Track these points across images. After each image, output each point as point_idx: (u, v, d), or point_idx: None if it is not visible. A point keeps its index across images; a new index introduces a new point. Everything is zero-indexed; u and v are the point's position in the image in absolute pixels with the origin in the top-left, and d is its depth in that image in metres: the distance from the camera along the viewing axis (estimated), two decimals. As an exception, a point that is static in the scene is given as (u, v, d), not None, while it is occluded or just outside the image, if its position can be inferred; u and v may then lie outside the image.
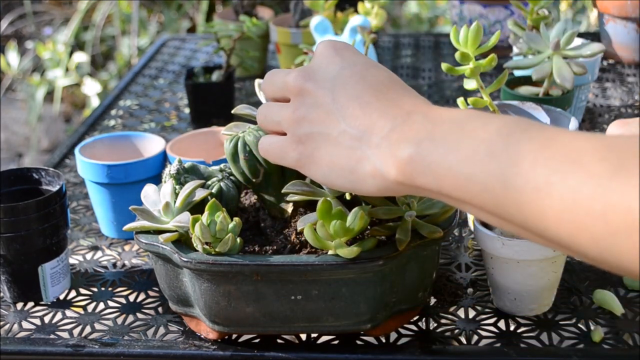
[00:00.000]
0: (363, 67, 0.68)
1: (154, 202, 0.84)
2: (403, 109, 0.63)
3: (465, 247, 1.00)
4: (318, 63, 0.69)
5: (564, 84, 1.08)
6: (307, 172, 0.69)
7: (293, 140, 0.69)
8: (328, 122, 0.66)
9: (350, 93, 0.66)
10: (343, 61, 0.68)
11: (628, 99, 1.47)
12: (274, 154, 0.72)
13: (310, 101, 0.67)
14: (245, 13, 1.65)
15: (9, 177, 0.95)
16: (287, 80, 0.70)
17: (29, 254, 0.90)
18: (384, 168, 0.62)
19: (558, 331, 0.84)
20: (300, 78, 0.68)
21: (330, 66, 0.68)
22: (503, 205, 0.54)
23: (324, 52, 0.70)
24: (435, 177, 0.58)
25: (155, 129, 1.42)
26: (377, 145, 0.63)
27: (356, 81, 0.67)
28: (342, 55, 0.69)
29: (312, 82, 0.68)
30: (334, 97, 0.66)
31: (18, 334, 0.87)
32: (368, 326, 0.80)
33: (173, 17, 3.22)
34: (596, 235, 0.48)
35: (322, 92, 0.67)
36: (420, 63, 1.71)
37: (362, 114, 0.64)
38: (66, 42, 3.00)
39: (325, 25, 1.42)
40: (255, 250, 0.80)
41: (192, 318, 0.85)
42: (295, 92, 0.69)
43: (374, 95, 0.65)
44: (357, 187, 0.66)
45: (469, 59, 0.94)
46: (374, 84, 0.66)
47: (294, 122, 0.68)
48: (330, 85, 0.67)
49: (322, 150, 0.67)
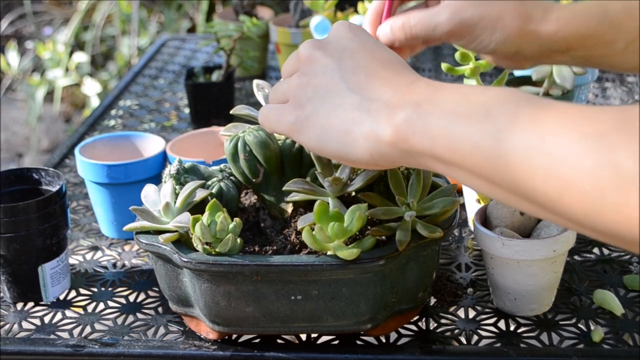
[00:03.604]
0: (374, 44, 0.69)
1: (154, 202, 0.84)
2: (406, 78, 0.64)
3: (465, 247, 1.01)
4: (331, 36, 0.71)
5: (564, 84, 1.08)
6: (300, 137, 0.68)
7: (293, 105, 0.69)
8: (331, 85, 0.66)
9: (357, 62, 0.67)
10: (355, 37, 0.69)
11: (628, 99, 1.47)
12: (271, 119, 0.71)
13: (317, 68, 0.68)
14: (245, 13, 1.65)
15: (9, 177, 0.95)
16: (299, 50, 0.71)
17: (29, 254, 0.90)
18: (379, 128, 0.62)
19: (558, 331, 0.84)
20: (310, 46, 0.69)
21: (342, 40, 0.69)
22: (493, 166, 0.54)
23: (339, 28, 0.71)
24: (429, 137, 0.59)
25: (155, 129, 1.42)
26: (376, 110, 0.63)
27: (364, 54, 0.68)
28: (356, 32, 0.70)
29: (321, 50, 0.69)
30: (340, 64, 0.67)
31: (18, 334, 0.87)
32: (368, 326, 0.80)
33: (173, 17, 3.22)
34: (584, 192, 0.48)
35: (329, 59, 0.68)
36: (420, 63, 1.71)
37: (366, 80, 0.65)
38: (66, 42, 3.00)
39: (325, 25, 1.42)
40: (255, 250, 0.80)
41: (192, 318, 0.85)
42: (304, 59, 0.69)
43: (379, 67, 0.66)
44: (348, 150, 0.65)
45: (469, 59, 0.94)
46: (382, 59, 0.67)
47: (297, 87, 0.69)
48: (339, 54, 0.68)
49: (320, 112, 0.67)
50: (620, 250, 0.98)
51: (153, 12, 3.33)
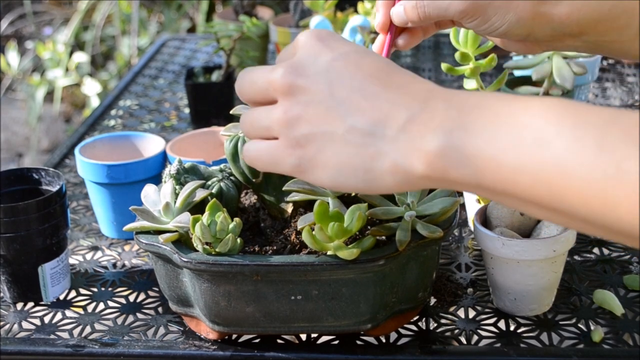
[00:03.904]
0: (356, 54, 0.62)
1: (154, 202, 0.84)
2: (416, 96, 0.58)
3: (465, 247, 1.01)
4: (305, 55, 0.62)
5: (564, 84, 1.08)
6: (310, 178, 0.62)
7: (288, 144, 0.62)
8: (330, 119, 0.60)
9: (350, 85, 0.60)
10: (332, 51, 0.62)
11: (628, 99, 1.47)
12: (264, 161, 0.64)
13: (305, 99, 0.61)
14: (245, 13, 1.65)
15: (9, 177, 0.95)
16: (272, 79, 0.62)
17: (29, 254, 0.90)
18: (406, 163, 0.57)
19: (558, 331, 0.84)
20: (288, 74, 0.61)
21: (319, 57, 0.62)
22: (562, 197, 0.50)
23: (308, 42, 0.63)
24: (473, 170, 0.54)
25: (155, 129, 1.42)
26: (394, 139, 0.57)
27: (353, 71, 0.61)
28: (329, 44, 0.62)
29: (303, 77, 0.61)
30: (331, 91, 0.60)
31: (18, 334, 0.87)
32: (368, 326, 0.80)
33: (173, 17, 3.22)
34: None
35: (316, 87, 0.60)
36: (420, 63, 1.71)
37: (369, 106, 0.59)
38: (66, 42, 3.00)
39: (325, 25, 1.42)
40: (255, 250, 0.80)
41: (192, 318, 0.85)
42: (284, 90, 0.61)
43: (378, 85, 0.60)
44: (373, 186, 0.60)
45: (469, 59, 0.94)
46: (374, 72, 0.61)
47: (287, 124, 0.61)
48: (325, 78, 0.60)
49: (327, 151, 0.60)
50: (620, 250, 0.98)
51: (153, 12, 3.33)
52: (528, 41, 0.78)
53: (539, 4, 0.74)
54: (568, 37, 0.76)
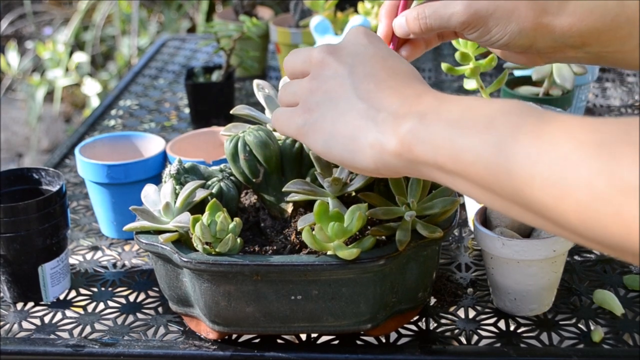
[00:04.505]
0: (387, 53, 0.70)
1: (154, 202, 0.84)
2: (415, 90, 0.65)
3: (465, 247, 1.01)
4: (346, 41, 0.71)
5: (564, 84, 1.08)
6: (307, 140, 0.69)
7: (303, 108, 0.70)
8: (341, 92, 0.67)
9: (368, 70, 0.67)
10: (369, 44, 0.70)
11: (628, 99, 1.47)
12: (282, 121, 0.72)
13: (329, 73, 0.69)
14: (245, 13, 1.65)
15: (9, 177, 0.95)
16: (311, 53, 0.71)
17: (29, 254, 0.90)
18: (384, 138, 0.63)
19: (558, 331, 0.84)
20: (324, 51, 0.70)
21: (355, 46, 0.70)
22: (494, 175, 0.54)
23: (354, 34, 0.71)
24: (432, 147, 0.59)
25: (155, 129, 1.42)
26: (382, 120, 0.64)
27: (376, 61, 0.68)
28: (371, 40, 0.71)
29: (334, 55, 0.69)
30: (351, 71, 0.67)
31: (18, 334, 0.87)
32: (368, 326, 0.80)
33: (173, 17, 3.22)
34: (580, 200, 0.48)
35: (341, 66, 0.68)
36: (420, 63, 1.71)
37: (375, 89, 0.66)
38: (66, 42, 3.00)
39: (325, 25, 1.42)
40: (255, 250, 0.80)
41: (192, 318, 0.85)
42: (316, 63, 0.70)
43: (389, 76, 0.67)
44: (353, 157, 0.66)
45: (469, 59, 0.95)
46: (393, 67, 0.68)
47: (308, 91, 0.69)
48: (352, 60, 0.68)
49: (327, 117, 0.67)
50: (620, 250, 0.98)
51: (153, 12, 3.33)
52: (530, 53, 0.78)
53: (541, 15, 0.74)
54: (570, 48, 0.76)
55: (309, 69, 0.71)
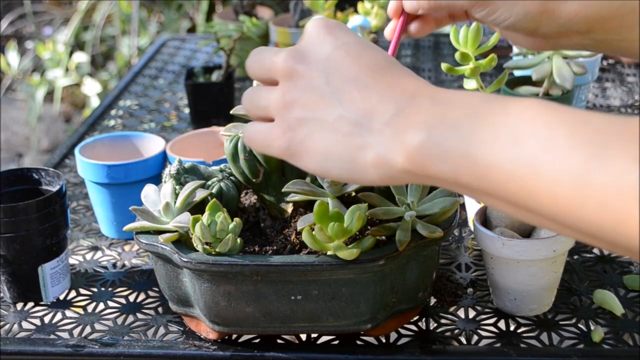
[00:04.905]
0: (358, 46, 0.63)
1: (154, 202, 0.84)
2: (405, 90, 0.59)
3: (465, 247, 1.01)
4: (309, 42, 0.64)
5: (564, 84, 1.08)
6: (298, 162, 0.63)
7: (282, 126, 0.63)
8: (322, 106, 0.61)
9: (346, 75, 0.61)
10: (336, 40, 0.63)
11: (628, 99, 1.47)
12: (259, 141, 0.65)
13: (303, 84, 0.62)
14: (245, 13, 1.65)
15: (9, 177, 0.95)
16: (275, 61, 0.64)
17: (29, 254, 0.90)
18: (389, 156, 0.57)
19: (558, 331, 0.84)
20: (290, 59, 0.63)
21: (323, 46, 0.63)
22: (533, 196, 0.50)
23: (315, 30, 0.64)
24: (450, 165, 0.54)
25: (155, 129, 1.42)
26: (379, 132, 0.58)
27: (351, 62, 0.62)
28: (335, 34, 0.64)
29: (303, 63, 0.62)
30: (328, 79, 0.61)
31: (18, 334, 0.87)
32: (368, 326, 0.80)
33: (173, 17, 3.22)
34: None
35: (315, 73, 0.62)
36: (420, 63, 1.71)
37: (360, 97, 0.60)
38: (66, 42, 3.00)
39: (325, 25, 1.42)
40: (255, 250, 0.80)
41: (192, 318, 0.85)
42: (285, 74, 0.63)
43: (371, 77, 0.61)
44: (356, 177, 0.61)
45: (469, 59, 0.94)
46: (371, 65, 0.62)
47: (283, 107, 0.63)
48: (323, 66, 0.62)
49: (315, 137, 0.61)
50: (620, 250, 0.98)
51: (153, 12, 3.34)
52: (536, 36, 0.78)
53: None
54: (576, 34, 0.76)
55: (276, 77, 0.64)
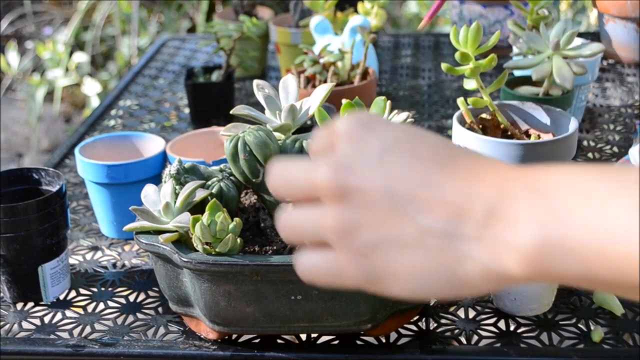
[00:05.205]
0: (406, 138, 0.53)
1: (154, 202, 0.84)
2: (490, 183, 0.50)
3: (465, 247, 1.00)
4: (349, 148, 0.52)
5: (564, 84, 1.08)
6: (385, 289, 0.53)
7: (350, 255, 0.52)
8: (393, 222, 0.51)
9: (410, 177, 0.51)
10: (380, 138, 0.52)
11: (628, 99, 1.47)
12: (325, 276, 0.54)
13: (360, 201, 0.51)
14: (245, 13, 1.65)
15: (9, 177, 0.95)
16: (316, 181, 0.52)
17: (29, 254, 0.90)
18: (499, 264, 0.48)
19: (558, 331, 0.84)
20: (336, 175, 0.51)
21: (367, 149, 0.52)
22: None
23: (349, 131, 0.53)
24: (581, 265, 0.46)
25: (155, 129, 1.42)
26: (477, 238, 0.49)
27: (409, 161, 0.51)
28: (374, 130, 0.53)
29: (353, 175, 0.51)
30: (389, 189, 0.51)
31: (18, 334, 0.87)
32: (368, 326, 0.80)
33: (173, 17, 3.22)
34: None
35: (371, 185, 0.51)
36: (420, 63, 1.71)
37: (438, 200, 0.50)
38: (66, 42, 3.00)
39: (325, 25, 1.42)
40: (255, 250, 0.80)
41: (192, 318, 0.85)
42: (333, 194, 0.51)
43: (441, 173, 0.51)
44: (461, 292, 0.52)
45: (469, 59, 0.94)
46: (432, 157, 0.52)
47: (344, 233, 0.51)
48: (379, 174, 0.51)
49: (398, 259, 0.51)
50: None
51: (153, 12, 3.34)
52: None
53: None
54: None
55: (319, 196, 0.53)
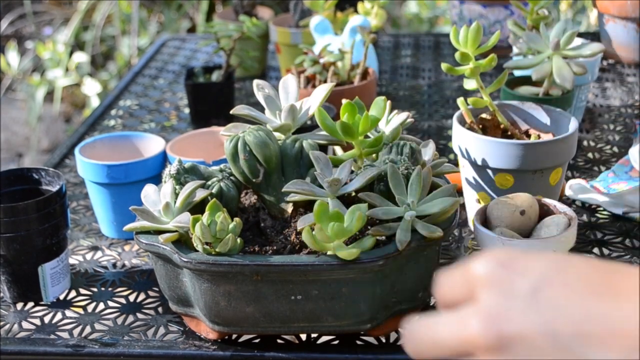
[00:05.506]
0: (553, 271, 0.48)
1: (154, 202, 0.84)
2: None
3: (465, 247, 1.00)
4: (495, 293, 0.48)
5: (564, 84, 1.08)
6: None
7: None
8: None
9: (570, 314, 0.46)
10: (525, 276, 0.48)
11: (628, 99, 1.47)
12: None
13: (520, 349, 0.46)
14: (245, 13, 1.65)
15: (9, 177, 0.95)
16: (465, 336, 0.47)
17: (29, 254, 0.90)
18: None
19: (558, 331, 0.84)
20: (488, 325, 0.46)
21: (514, 291, 0.47)
22: None
23: (490, 275, 0.49)
24: None
25: (155, 129, 1.42)
26: None
27: (564, 295, 0.46)
28: (516, 267, 0.48)
29: (507, 322, 0.46)
30: (551, 331, 0.46)
31: (18, 334, 0.87)
32: (368, 326, 0.80)
33: (173, 17, 3.22)
34: None
35: (529, 329, 0.46)
36: (420, 63, 1.71)
37: (608, 333, 0.45)
38: (66, 42, 3.00)
39: (325, 25, 1.42)
40: (255, 250, 0.80)
41: (192, 318, 0.85)
42: (490, 347, 0.47)
43: (601, 301, 0.46)
44: None
45: (469, 59, 0.94)
46: (587, 285, 0.47)
47: None
48: (534, 316, 0.46)
49: None
50: (620, 250, 0.98)
51: (153, 12, 3.33)
52: None
53: None
54: None
55: (472, 353, 0.48)
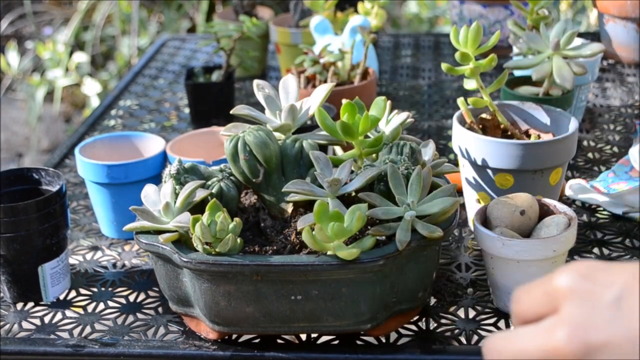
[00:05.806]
0: (634, 280, 0.48)
1: (154, 202, 0.84)
2: None
3: (465, 247, 1.00)
4: (579, 304, 0.48)
5: (564, 84, 1.08)
6: None
7: None
8: None
9: None
10: (607, 286, 0.48)
11: (628, 99, 1.47)
12: None
13: (608, 357, 0.47)
14: (245, 13, 1.65)
15: (9, 177, 0.95)
16: (552, 347, 0.47)
17: (29, 254, 0.90)
18: None
19: (558, 331, 0.84)
20: (575, 335, 0.47)
21: (597, 301, 0.47)
22: None
23: (573, 287, 0.48)
24: None
25: (155, 129, 1.42)
26: None
27: None
28: (598, 279, 0.48)
29: (593, 331, 0.47)
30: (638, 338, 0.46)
31: (18, 334, 0.87)
32: (368, 326, 0.80)
33: (173, 17, 3.22)
34: None
35: (616, 336, 0.46)
36: (420, 63, 1.71)
37: None
38: (66, 42, 3.00)
39: (325, 25, 1.42)
40: (255, 250, 0.80)
41: (192, 318, 0.85)
42: (577, 355, 0.47)
43: None
44: None
45: (469, 59, 0.94)
46: None
47: None
48: (620, 323, 0.46)
49: None
50: (620, 250, 0.98)
51: (153, 12, 3.33)
52: None
53: None
54: None
55: None
